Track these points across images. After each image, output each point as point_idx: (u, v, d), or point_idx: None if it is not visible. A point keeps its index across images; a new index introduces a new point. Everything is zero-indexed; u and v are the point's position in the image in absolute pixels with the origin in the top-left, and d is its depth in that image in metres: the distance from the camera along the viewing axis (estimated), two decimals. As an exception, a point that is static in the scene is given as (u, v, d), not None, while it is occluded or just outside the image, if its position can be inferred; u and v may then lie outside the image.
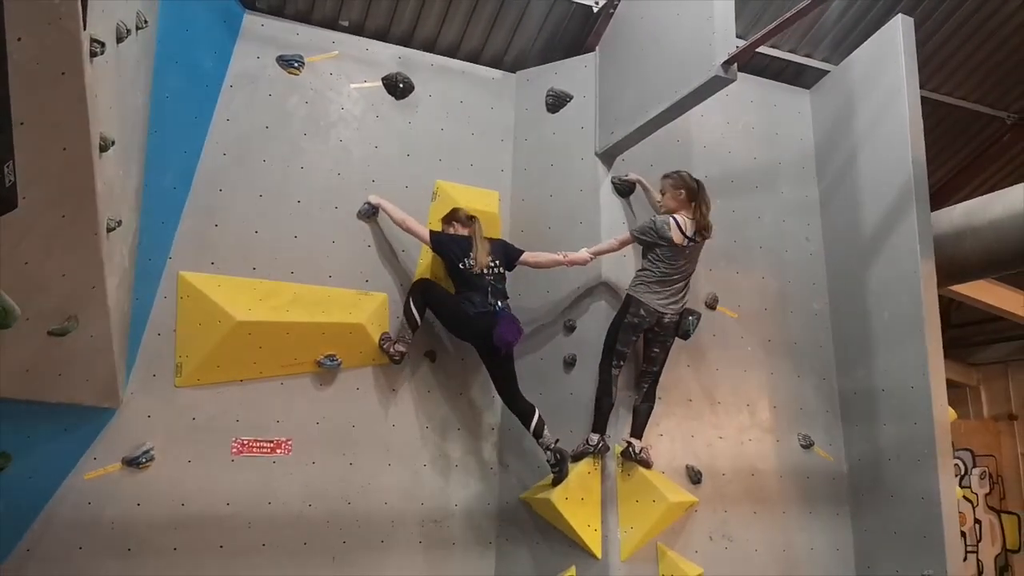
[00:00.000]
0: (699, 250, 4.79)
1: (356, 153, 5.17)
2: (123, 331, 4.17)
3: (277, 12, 5.17)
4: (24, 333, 3.40)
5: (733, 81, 4.07)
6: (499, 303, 4.71)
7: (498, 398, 5.10)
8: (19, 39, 2.52)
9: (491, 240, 4.91)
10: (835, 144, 5.83)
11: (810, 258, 5.82)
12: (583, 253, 4.85)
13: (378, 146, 5.23)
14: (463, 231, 4.91)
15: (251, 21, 5.04)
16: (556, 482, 4.63)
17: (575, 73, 5.49)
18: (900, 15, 5.34)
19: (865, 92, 5.58)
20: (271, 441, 4.67)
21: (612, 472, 4.76)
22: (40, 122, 2.81)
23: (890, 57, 5.36)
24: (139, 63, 4.01)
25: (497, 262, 4.82)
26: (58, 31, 2.63)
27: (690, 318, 4.83)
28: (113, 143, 3.42)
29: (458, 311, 4.76)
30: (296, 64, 5.09)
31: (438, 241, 4.85)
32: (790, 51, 6.04)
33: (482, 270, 4.73)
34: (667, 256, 4.64)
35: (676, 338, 4.85)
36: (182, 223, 4.64)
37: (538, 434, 4.69)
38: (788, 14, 3.89)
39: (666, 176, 4.82)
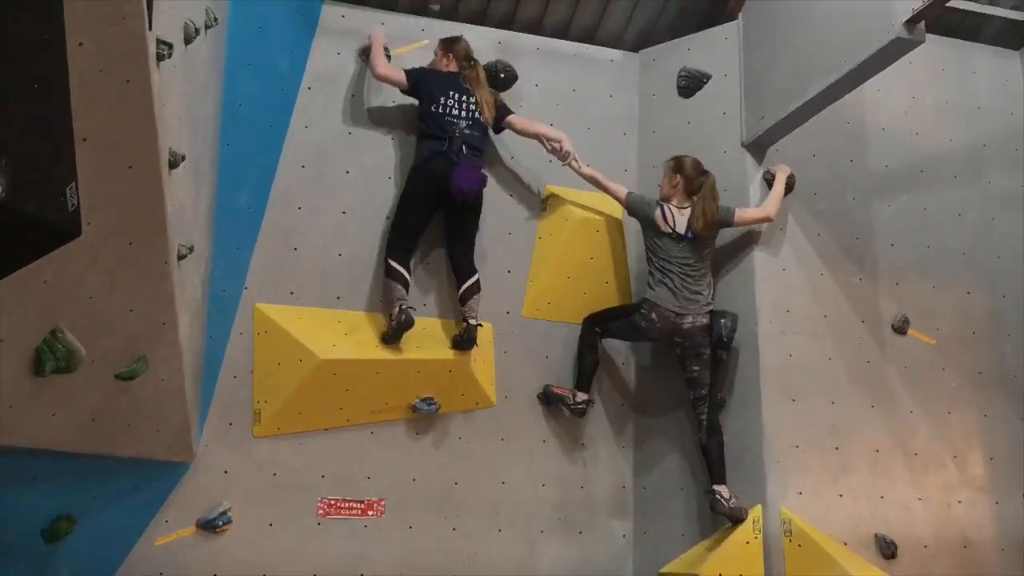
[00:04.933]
0: (705, 248, 4.79)
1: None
2: (196, 374, 4.35)
3: (358, 0, 5.33)
4: (89, 377, 3.60)
5: (920, 43, 3.88)
6: (464, 149, 4.81)
7: (630, 454, 5.11)
8: (80, 44, 2.66)
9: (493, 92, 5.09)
10: (1059, 117, 5.44)
11: (1032, 266, 5.43)
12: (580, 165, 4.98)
13: (478, 149, 5.28)
14: (451, 68, 5.02)
15: (330, 12, 5.23)
16: (455, 346, 4.87)
17: (713, 48, 5.37)
18: None
19: (1097, 48, 5.21)
20: (361, 501, 4.74)
21: (778, 542, 4.52)
22: (104, 137, 2.97)
23: None
24: (209, 67, 4.20)
25: (475, 112, 4.92)
26: (121, 33, 2.78)
27: (722, 320, 4.68)
28: (183, 158, 3.58)
29: (414, 171, 4.89)
30: (382, 58, 5.22)
31: (413, 75, 4.92)
32: (991, 3, 5.69)
33: (460, 113, 4.87)
34: (657, 243, 4.79)
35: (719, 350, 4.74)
36: (258, 248, 4.83)
37: (464, 299, 4.83)
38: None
39: (670, 159, 4.92)
